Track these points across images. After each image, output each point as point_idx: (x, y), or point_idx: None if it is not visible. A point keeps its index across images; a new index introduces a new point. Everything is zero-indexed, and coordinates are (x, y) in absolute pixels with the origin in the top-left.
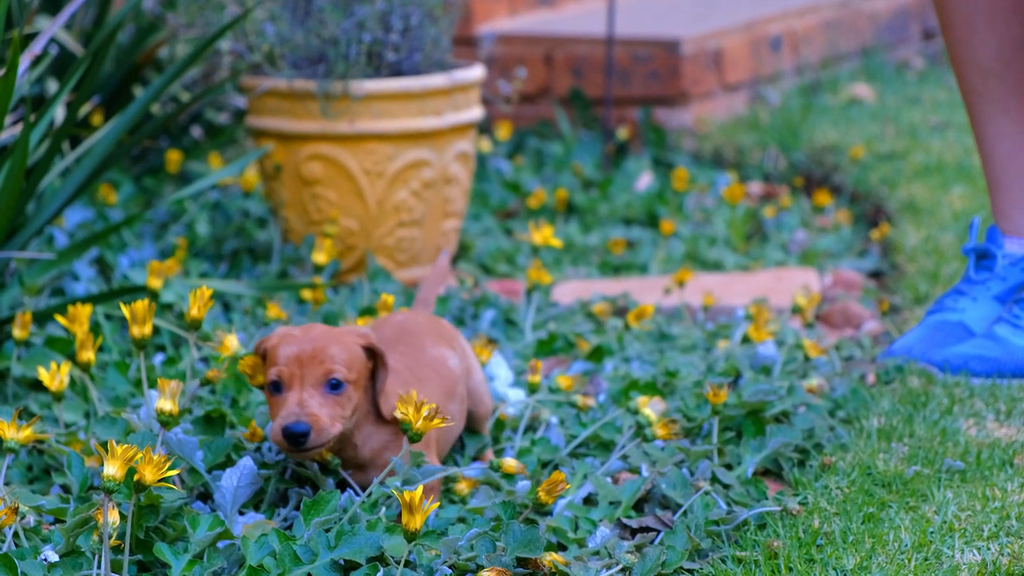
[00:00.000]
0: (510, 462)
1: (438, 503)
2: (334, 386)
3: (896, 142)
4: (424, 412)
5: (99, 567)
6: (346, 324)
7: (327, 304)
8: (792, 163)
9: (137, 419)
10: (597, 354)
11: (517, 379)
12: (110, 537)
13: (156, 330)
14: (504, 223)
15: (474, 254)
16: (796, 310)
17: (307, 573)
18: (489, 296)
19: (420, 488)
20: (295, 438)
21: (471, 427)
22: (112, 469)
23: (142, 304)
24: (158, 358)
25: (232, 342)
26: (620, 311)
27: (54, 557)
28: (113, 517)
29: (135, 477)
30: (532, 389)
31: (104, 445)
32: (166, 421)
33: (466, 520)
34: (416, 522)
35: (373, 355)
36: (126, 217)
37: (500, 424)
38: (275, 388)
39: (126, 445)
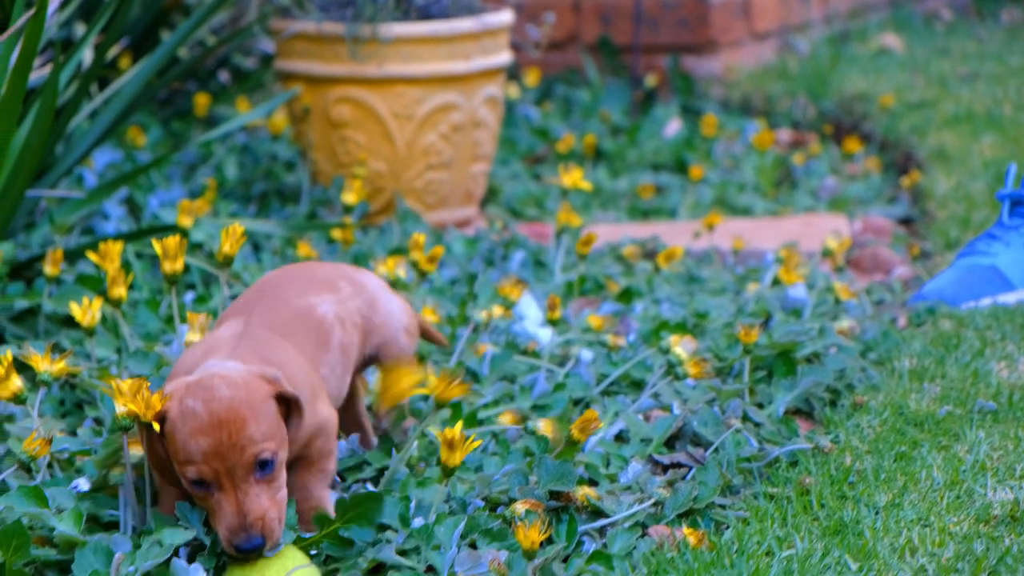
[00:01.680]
0: (546, 423)
1: (480, 441)
2: (263, 465)
3: (925, 91)
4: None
5: (125, 497)
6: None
7: (356, 245)
8: (821, 111)
9: (169, 353)
10: (627, 296)
11: (546, 319)
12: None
13: (186, 269)
14: (532, 168)
15: (502, 198)
16: (827, 253)
17: None
18: (518, 238)
19: (459, 424)
20: (249, 553)
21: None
22: (123, 408)
23: (173, 240)
24: (188, 296)
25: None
26: (649, 254)
27: (85, 487)
28: (136, 450)
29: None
30: (553, 324)
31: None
32: None
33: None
34: (455, 459)
35: (285, 400)
36: (155, 158)
37: (533, 355)
38: (199, 485)
39: (132, 380)
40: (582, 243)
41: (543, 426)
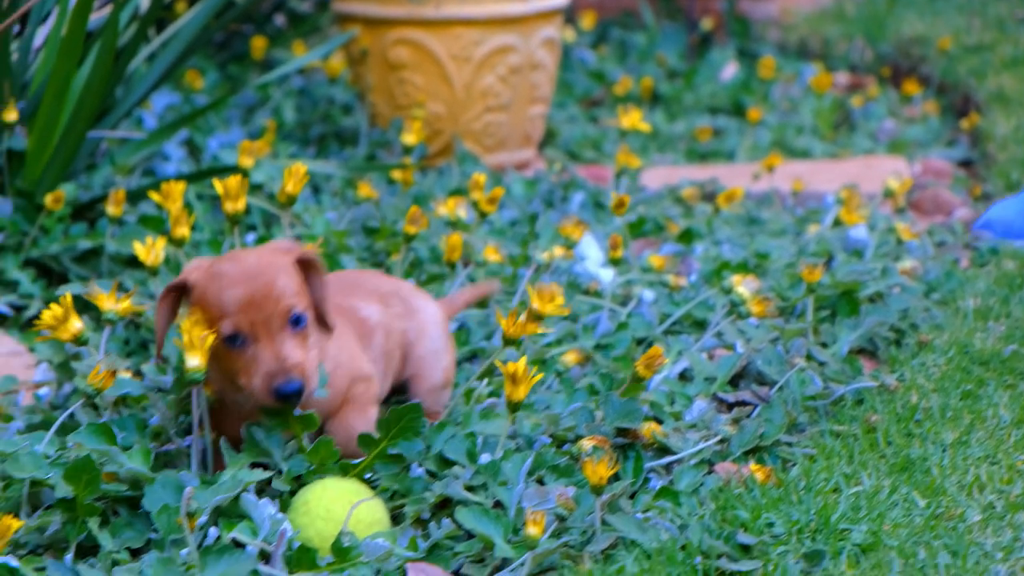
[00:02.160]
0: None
1: (542, 373)
2: (296, 321)
3: (983, 34)
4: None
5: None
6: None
7: (416, 186)
8: (878, 54)
9: None
10: (687, 237)
11: (607, 260)
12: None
13: (247, 210)
14: (589, 111)
15: (560, 141)
16: (888, 194)
17: None
18: (578, 180)
19: (523, 359)
20: (290, 398)
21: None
22: (194, 361)
23: (235, 179)
24: (249, 237)
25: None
26: (708, 196)
27: (155, 421)
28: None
29: (207, 344)
30: (615, 264)
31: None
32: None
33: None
34: (519, 393)
35: (303, 266)
36: (213, 100)
37: (595, 295)
38: (233, 341)
39: (202, 332)
40: (615, 205)
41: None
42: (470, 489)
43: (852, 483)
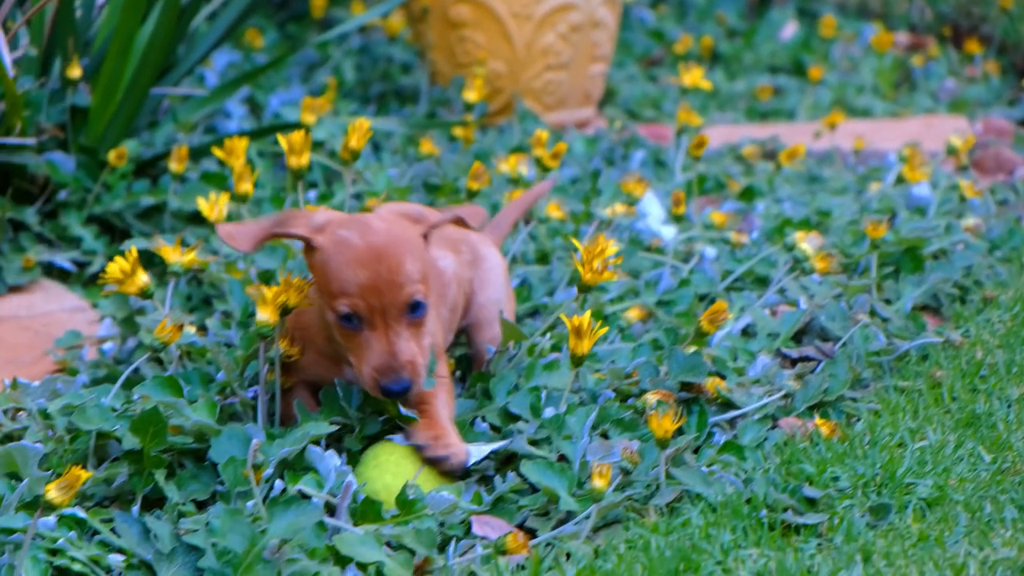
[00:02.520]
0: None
1: (607, 327)
2: (415, 307)
3: None
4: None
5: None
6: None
7: (476, 143)
8: (939, 14)
9: (296, 246)
10: (748, 194)
11: (668, 217)
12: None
13: (309, 167)
14: (648, 71)
15: (619, 99)
16: (951, 151)
17: None
18: (638, 138)
19: (588, 313)
20: (396, 395)
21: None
22: (265, 315)
23: (299, 134)
24: (311, 194)
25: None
26: (769, 154)
27: (221, 376)
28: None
29: (279, 300)
30: (677, 220)
31: (263, 275)
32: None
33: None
34: (584, 346)
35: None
36: (274, 58)
37: (657, 252)
38: (348, 321)
39: (276, 287)
40: (694, 146)
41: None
42: (534, 443)
43: (917, 438)
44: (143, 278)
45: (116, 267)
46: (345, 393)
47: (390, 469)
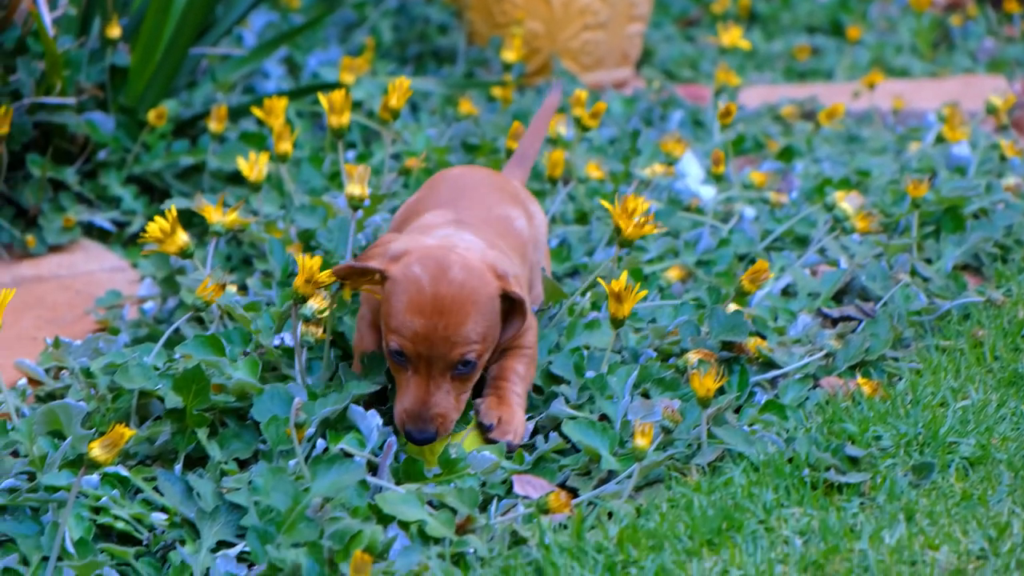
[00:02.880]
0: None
1: (646, 291)
2: (464, 364)
3: None
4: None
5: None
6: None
7: (514, 104)
8: None
9: (337, 204)
10: (787, 154)
11: (707, 177)
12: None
13: (348, 127)
14: (685, 31)
15: (657, 60)
16: (990, 110)
17: None
18: (676, 98)
19: (624, 274)
20: (417, 443)
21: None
22: (300, 281)
23: (339, 93)
24: (350, 154)
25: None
26: (807, 114)
27: (289, 341)
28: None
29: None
30: (716, 180)
31: (303, 235)
32: (356, 206)
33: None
34: (624, 310)
35: (509, 299)
36: (311, 18)
37: (696, 212)
38: (395, 356)
39: (313, 257)
40: (722, 114)
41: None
42: (577, 407)
43: (959, 397)
44: (183, 237)
45: (156, 226)
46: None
47: None
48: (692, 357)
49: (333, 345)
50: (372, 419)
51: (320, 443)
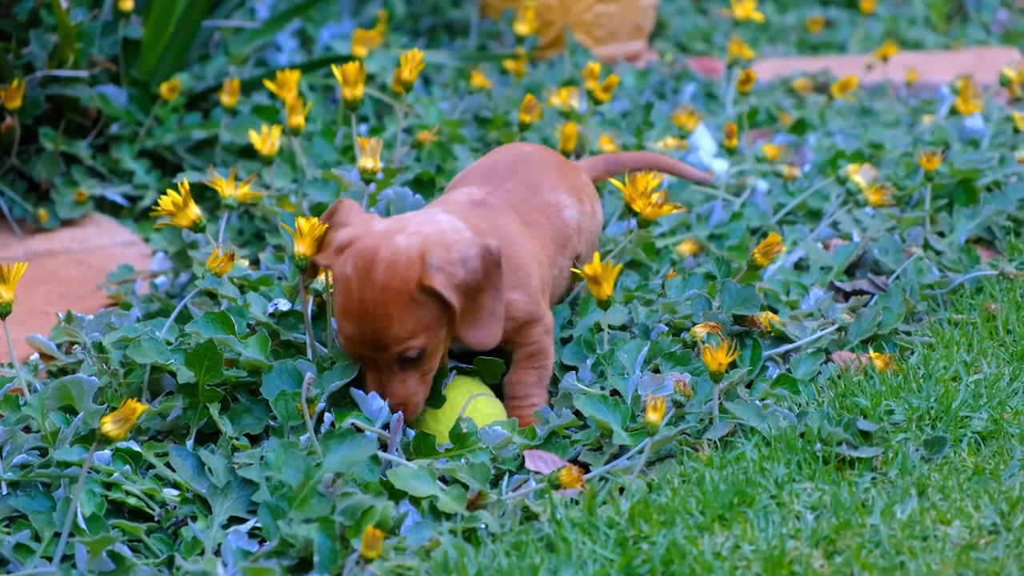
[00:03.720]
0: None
1: (620, 266)
2: (406, 360)
3: None
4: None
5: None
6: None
7: (527, 77)
8: None
9: (348, 177)
10: (800, 127)
11: (720, 150)
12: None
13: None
14: (698, 3)
15: (670, 32)
16: (1004, 82)
17: None
18: (689, 71)
19: (596, 257)
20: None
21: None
22: (301, 247)
23: (353, 66)
24: (362, 128)
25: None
26: (820, 87)
27: (284, 306)
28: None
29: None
30: (729, 153)
31: (316, 208)
32: (368, 179)
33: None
34: (605, 290)
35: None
36: None
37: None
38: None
39: (313, 220)
40: (741, 82)
41: None
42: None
43: (972, 371)
44: (195, 210)
45: (168, 200)
46: None
47: (449, 402)
48: (700, 330)
49: None
50: (373, 400)
51: (328, 417)
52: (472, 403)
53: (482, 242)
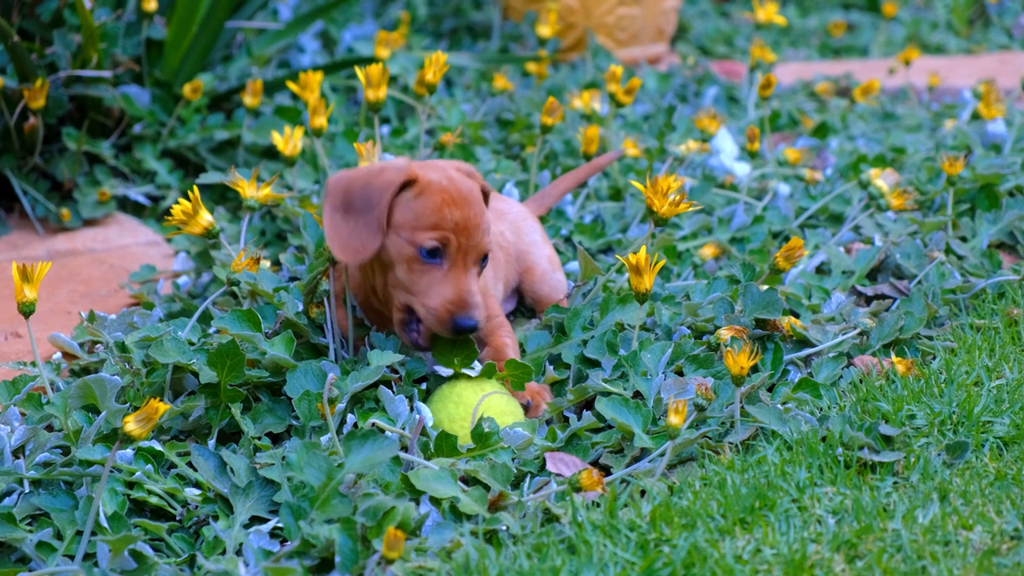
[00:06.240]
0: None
1: (664, 261)
2: (485, 257)
3: None
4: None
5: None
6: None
7: (549, 79)
8: None
9: None
10: (821, 131)
11: (742, 153)
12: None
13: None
14: (720, 7)
15: (692, 35)
16: None
17: None
18: (711, 74)
19: (643, 248)
20: (463, 331)
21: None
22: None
23: (376, 67)
24: (384, 129)
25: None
26: (842, 91)
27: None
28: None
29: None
30: (751, 156)
31: None
32: None
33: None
34: (645, 283)
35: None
36: None
37: (731, 188)
38: (431, 255)
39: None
40: (762, 86)
41: None
42: (609, 381)
43: (994, 376)
44: (207, 217)
45: (179, 209)
46: (386, 342)
47: (452, 399)
48: (724, 333)
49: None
50: (400, 403)
51: (350, 418)
52: (486, 400)
53: None
